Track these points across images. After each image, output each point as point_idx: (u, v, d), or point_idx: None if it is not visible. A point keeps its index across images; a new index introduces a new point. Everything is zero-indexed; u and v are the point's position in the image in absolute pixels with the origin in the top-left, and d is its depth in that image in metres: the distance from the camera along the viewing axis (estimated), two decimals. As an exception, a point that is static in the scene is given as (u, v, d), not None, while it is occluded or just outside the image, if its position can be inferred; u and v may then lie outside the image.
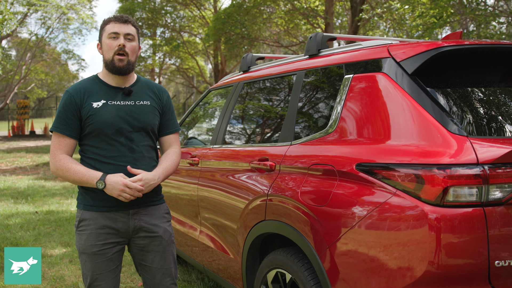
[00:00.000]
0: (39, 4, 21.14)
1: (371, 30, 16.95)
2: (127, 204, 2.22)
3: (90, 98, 2.22)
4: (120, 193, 2.11)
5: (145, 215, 2.28)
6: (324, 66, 2.49)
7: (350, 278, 1.93)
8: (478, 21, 9.20)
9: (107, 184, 2.12)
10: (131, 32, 2.25)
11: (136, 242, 2.29)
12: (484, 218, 1.70)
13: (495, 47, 2.13)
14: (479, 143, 1.77)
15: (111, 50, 2.21)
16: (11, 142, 22.01)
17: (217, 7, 21.93)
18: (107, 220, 2.21)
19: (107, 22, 2.26)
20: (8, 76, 25.59)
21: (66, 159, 2.19)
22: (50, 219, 6.23)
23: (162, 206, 2.37)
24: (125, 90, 2.28)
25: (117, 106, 2.24)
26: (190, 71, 26.12)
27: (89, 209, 2.22)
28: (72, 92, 2.22)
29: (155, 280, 2.31)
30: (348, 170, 2.01)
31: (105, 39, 2.23)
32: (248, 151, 2.92)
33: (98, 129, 2.20)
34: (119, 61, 2.21)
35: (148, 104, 2.32)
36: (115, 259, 2.26)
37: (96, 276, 2.21)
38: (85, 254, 2.21)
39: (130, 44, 2.24)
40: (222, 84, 3.79)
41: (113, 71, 2.23)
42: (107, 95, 2.25)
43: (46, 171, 11.56)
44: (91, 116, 2.19)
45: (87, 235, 2.20)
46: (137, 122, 2.26)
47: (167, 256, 2.33)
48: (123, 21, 2.24)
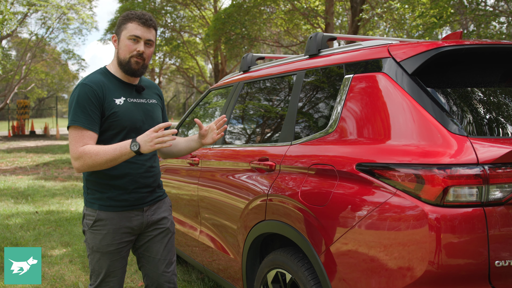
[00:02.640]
0: (39, 4, 21.16)
1: (371, 30, 16.95)
2: (142, 202, 2.27)
3: (111, 93, 2.14)
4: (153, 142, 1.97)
5: (156, 209, 2.35)
6: (324, 66, 2.49)
7: (350, 278, 1.93)
8: (478, 21, 9.19)
9: (139, 141, 1.99)
10: (152, 38, 2.19)
11: (145, 234, 2.34)
12: (484, 218, 1.70)
13: (495, 47, 2.13)
14: (479, 143, 1.77)
15: (129, 52, 2.15)
16: (11, 142, 22.02)
17: (217, 7, 21.93)
18: (123, 219, 2.23)
19: (130, 19, 2.15)
20: (8, 76, 25.61)
21: (89, 147, 2.04)
22: (50, 219, 6.23)
23: (167, 199, 2.46)
24: (138, 87, 2.27)
25: (135, 104, 2.22)
26: (190, 71, 26.15)
27: (105, 209, 2.20)
28: (93, 86, 2.10)
29: (158, 271, 2.36)
30: (348, 170, 2.01)
31: (124, 38, 2.15)
32: (248, 151, 2.92)
33: (121, 126, 2.15)
34: (136, 63, 2.17)
35: (155, 102, 2.35)
36: (126, 257, 2.31)
37: (109, 273, 2.25)
38: (99, 252, 2.22)
39: (149, 50, 2.20)
40: (222, 84, 3.79)
41: (127, 72, 2.19)
42: (124, 92, 2.21)
43: (46, 171, 11.56)
44: (115, 113, 2.13)
45: (103, 235, 2.20)
46: (151, 120, 2.28)
47: (171, 248, 2.41)
48: (148, 26, 2.16)
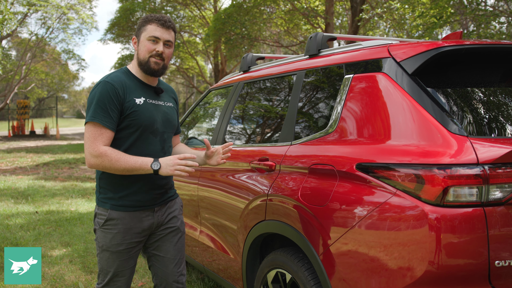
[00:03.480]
0: (39, 4, 21.15)
1: (371, 30, 16.95)
2: (154, 203, 2.28)
3: (131, 93, 2.18)
4: (174, 168, 2.06)
5: (166, 209, 2.36)
6: (324, 66, 2.49)
7: (350, 278, 1.93)
8: (478, 21, 9.19)
9: (161, 162, 2.07)
10: (171, 39, 2.22)
11: (155, 234, 2.35)
12: (484, 218, 1.70)
13: (495, 47, 2.13)
14: (479, 143, 1.77)
15: (148, 52, 2.18)
16: (11, 142, 22.03)
17: (217, 7, 21.93)
18: (134, 220, 2.24)
19: (149, 21, 2.19)
20: (8, 76, 25.62)
21: (112, 150, 2.08)
22: (50, 219, 6.23)
23: (178, 199, 2.47)
24: (157, 89, 2.29)
25: (154, 105, 2.25)
26: (190, 71, 26.14)
27: (117, 209, 2.22)
28: (114, 84, 2.13)
29: (167, 270, 2.37)
30: (348, 170, 2.01)
31: (144, 40, 2.19)
32: (248, 151, 2.91)
33: (140, 125, 2.16)
34: (155, 64, 2.19)
35: (172, 106, 2.38)
36: (135, 257, 2.32)
37: (118, 273, 2.27)
38: (109, 251, 2.24)
39: (168, 50, 2.23)
40: (222, 84, 3.79)
41: (147, 72, 2.22)
42: (144, 92, 2.24)
43: (46, 171, 11.56)
44: (135, 112, 2.15)
45: (113, 234, 2.22)
46: (169, 122, 2.31)
47: (181, 247, 2.41)
48: (167, 27, 2.19)
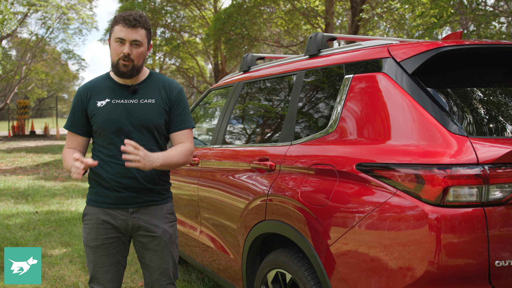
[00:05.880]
0: (39, 4, 21.15)
1: (371, 30, 16.93)
2: (127, 203, 2.24)
3: (95, 97, 2.28)
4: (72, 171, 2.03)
5: (145, 214, 2.27)
6: (324, 66, 2.49)
7: (350, 278, 1.93)
8: (478, 21, 9.19)
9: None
10: (139, 38, 2.16)
11: (137, 239, 2.32)
12: (484, 218, 1.70)
13: (495, 47, 2.13)
14: (480, 143, 1.77)
15: (116, 55, 2.17)
16: (11, 142, 22.02)
17: (217, 7, 21.92)
18: (107, 216, 2.25)
19: (116, 22, 2.17)
20: (8, 76, 25.61)
21: (66, 151, 2.29)
22: (50, 219, 6.23)
23: (165, 206, 2.32)
24: (130, 88, 2.28)
25: (119, 105, 2.25)
26: (190, 71, 26.14)
27: (91, 204, 2.30)
28: (81, 91, 2.33)
29: (152, 278, 2.34)
30: (348, 170, 2.00)
31: (112, 42, 2.18)
32: (248, 151, 2.91)
33: (100, 127, 2.25)
34: (124, 66, 2.18)
35: (153, 102, 2.26)
36: (116, 254, 2.29)
37: (97, 269, 2.27)
38: (88, 247, 2.29)
39: (137, 50, 2.17)
40: (222, 84, 3.79)
41: (117, 74, 2.23)
42: (112, 93, 2.27)
43: (46, 171, 11.56)
44: (94, 115, 2.26)
45: (89, 229, 2.28)
46: (138, 121, 2.23)
47: (165, 257, 2.31)
48: (131, 26, 2.13)
